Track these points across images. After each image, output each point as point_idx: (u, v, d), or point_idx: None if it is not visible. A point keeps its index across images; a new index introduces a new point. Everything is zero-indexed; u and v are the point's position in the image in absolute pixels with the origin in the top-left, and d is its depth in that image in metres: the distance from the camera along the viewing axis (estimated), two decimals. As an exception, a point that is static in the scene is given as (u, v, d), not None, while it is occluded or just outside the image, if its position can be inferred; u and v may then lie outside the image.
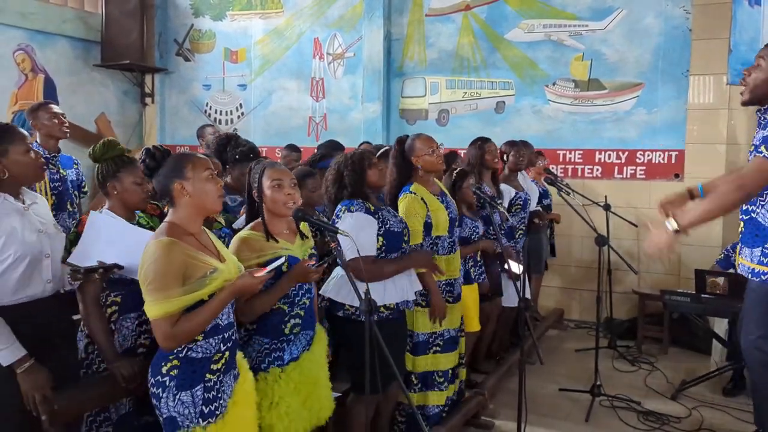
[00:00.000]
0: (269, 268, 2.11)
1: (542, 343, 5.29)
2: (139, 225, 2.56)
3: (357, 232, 2.67)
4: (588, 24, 6.04)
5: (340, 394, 2.81)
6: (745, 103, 2.79)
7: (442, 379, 3.34)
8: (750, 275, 2.79)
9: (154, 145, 2.13)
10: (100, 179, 2.53)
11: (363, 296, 2.08)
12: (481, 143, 4.30)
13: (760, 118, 2.75)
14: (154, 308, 1.92)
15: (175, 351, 2.00)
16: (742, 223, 2.83)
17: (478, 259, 3.99)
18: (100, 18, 7.43)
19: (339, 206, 2.91)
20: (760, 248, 2.73)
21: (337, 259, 2.34)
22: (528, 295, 4.69)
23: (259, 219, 2.42)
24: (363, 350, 2.05)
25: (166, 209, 2.20)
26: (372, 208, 2.89)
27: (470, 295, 3.83)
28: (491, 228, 4.08)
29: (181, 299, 1.93)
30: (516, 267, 3.54)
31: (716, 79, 5.44)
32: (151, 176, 2.12)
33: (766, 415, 2.83)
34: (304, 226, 2.54)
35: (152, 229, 2.52)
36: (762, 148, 2.55)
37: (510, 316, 4.72)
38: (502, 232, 4.26)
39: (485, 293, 4.10)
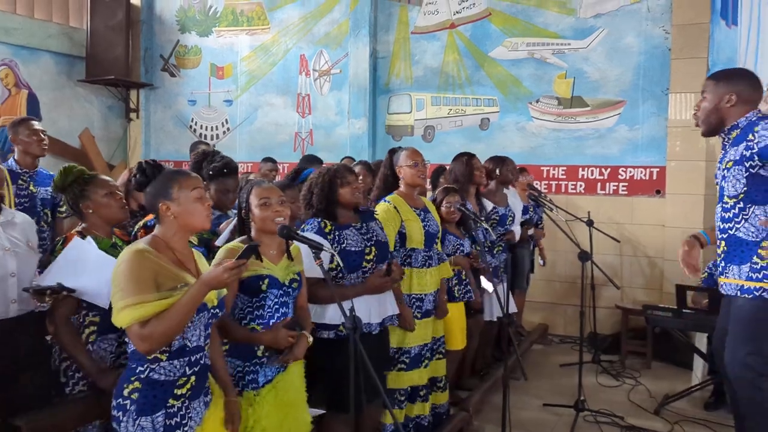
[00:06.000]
0: (238, 256, 1.99)
1: (527, 359, 5.30)
2: (114, 247, 2.53)
3: (302, 251, 2.61)
4: (570, 43, 6.14)
5: (323, 411, 2.79)
6: (704, 134, 2.97)
7: (402, 398, 3.27)
8: (738, 293, 2.79)
9: (146, 160, 2.11)
10: (72, 205, 2.51)
11: (348, 313, 2.08)
12: (468, 159, 4.29)
13: (724, 139, 2.87)
14: (126, 313, 1.85)
15: (137, 371, 1.94)
16: (722, 243, 2.86)
17: (463, 277, 3.96)
18: (84, 33, 7.44)
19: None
20: (749, 264, 2.75)
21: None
22: (514, 309, 4.74)
23: (247, 236, 2.42)
24: (340, 369, 2.03)
25: (141, 231, 2.17)
26: (329, 227, 2.80)
27: (455, 312, 3.81)
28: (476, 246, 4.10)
29: (153, 304, 1.87)
30: (487, 285, 3.55)
31: (696, 97, 5.46)
32: (141, 190, 2.11)
33: (755, 427, 2.80)
34: (294, 249, 2.51)
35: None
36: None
37: (491, 332, 4.73)
38: (486, 248, 4.28)
39: (477, 309, 4.11)
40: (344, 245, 2.81)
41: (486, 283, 3.53)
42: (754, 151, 2.68)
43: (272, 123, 7.45)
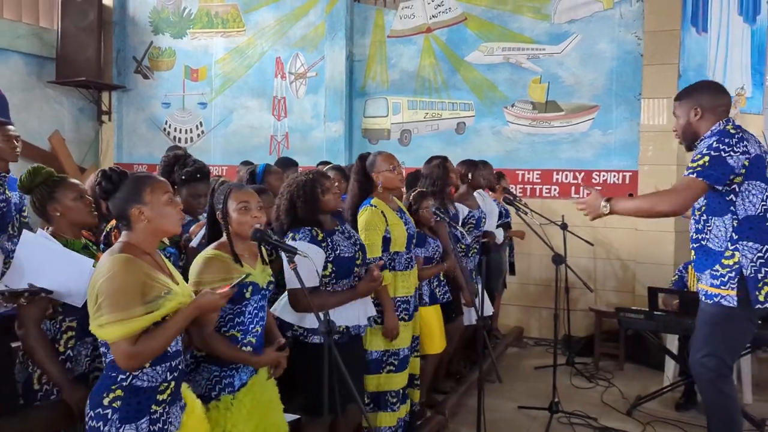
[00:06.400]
0: (232, 284, 2.07)
1: (502, 361, 5.33)
2: (86, 248, 2.49)
3: (299, 261, 2.59)
4: (545, 48, 6.20)
5: (298, 416, 2.77)
6: (687, 150, 3.12)
7: (395, 400, 3.29)
8: (703, 297, 2.93)
9: (110, 167, 2.07)
10: (38, 206, 2.46)
11: (322, 317, 2.07)
12: (443, 162, 4.28)
13: (695, 152, 2.95)
14: (115, 328, 1.80)
15: (118, 380, 1.90)
16: (693, 253, 2.99)
17: (442, 278, 3.98)
18: (55, 34, 7.30)
19: (288, 234, 2.83)
20: (709, 270, 2.88)
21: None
22: (489, 312, 4.77)
23: (224, 240, 2.37)
24: (314, 373, 2.02)
25: (114, 231, 2.13)
26: (321, 235, 2.80)
27: (434, 315, 3.82)
28: (459, 246, 4.13)
29: (141, 319, 1.84)
30: (470, 313, 3.60)
31: (667, 102, 5.63)
32: (107, 199, 2.06)
33: (715, 426, 2.92)
34: (266, 251, 2.49)
35: (94, 255, 2.46)
36: (686, 170, 2.82)
37: (468, 335, 4.74)
38: (462, 253, 4.30)
39: (456, 311, 4.13)
40: (338, 252, 2.82)
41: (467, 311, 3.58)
42: None
43: (247, 126, 7.40)
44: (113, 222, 2.80)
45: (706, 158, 2.75)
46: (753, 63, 5.66)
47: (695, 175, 2.76)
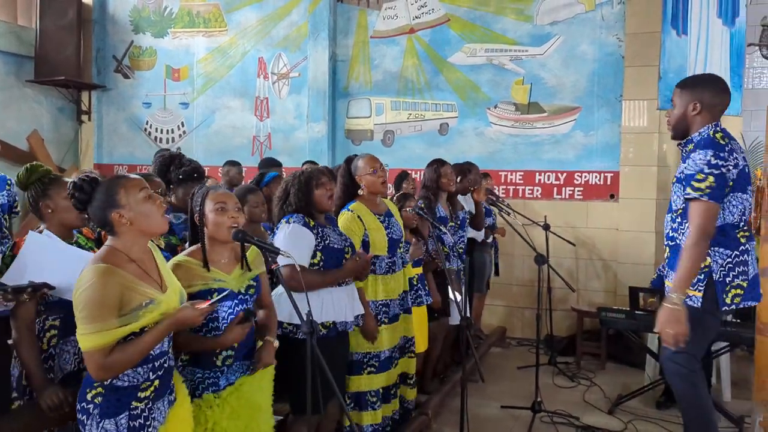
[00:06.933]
0: (212, 300, 2.05)
1: (485, 361, 5.35)
2: (78, 246, 2.48)
3: (289, 241, 2.71)
4: (527, 49, 6.23)
5: (282, 417, 2.75)
6: (674, 138, 3.05)
7: (375, 399, 3.30)
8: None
9: (79, 176, 2.01)
10: (32, 203, 2.48)
11: (305, 316, 2.06)
12: (437, 166, 4.37)
13: (682, 150, 2.97)
14: (87, 339, 1.83)
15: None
16: (667, 250, 3.01)
17: (415, 282, 3.92)
18: (33, 32, 7.20)
19: (281, 221, 2.91)
20: None
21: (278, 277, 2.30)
22: (469, 314, 4.77)
23: (199, 245, 2.34)
24: (302, 370, 2.01)
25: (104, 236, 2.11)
26: (312, 222, 2.89)
27: (416, 315, 3.81)
28: (446, 247, 4.16)
29: (116, 331, 1.84)
30: (455, 295, 3.60)
31: (648, 104, 5.70)
32: (84, 209, 2.00)
33: (689, 422, 2.96)
34: (250, 255, 2.45)
35: (91, 250, 2.44)
36: (689, 189, 2.74)
37: (452, 335, 4.75)
38: (446, 253, 4.30)
39: (441, 313, 4.13)
40: (327, 242, 2.89)
41: (453, 294, 3.58)
42: (682, 176, 2.83)
43: (230, 126, 7.34)
44: None
45: (711, 179, 2.70)
46: (732, 65, 5.73)
47: (707, 198, 2.70)
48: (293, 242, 2.75)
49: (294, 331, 2.77)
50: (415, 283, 3.92)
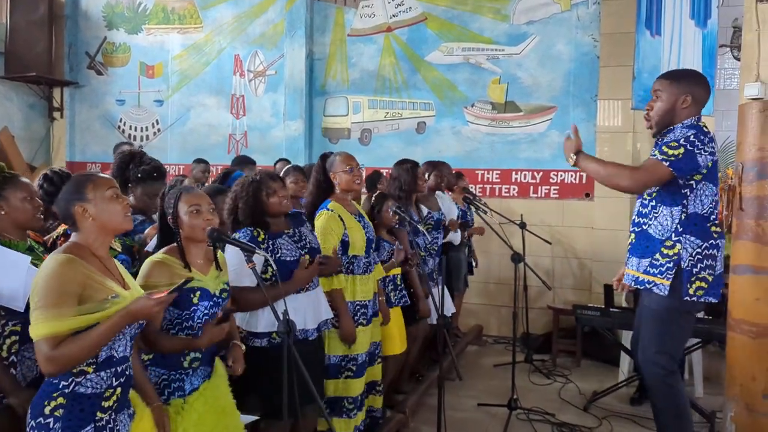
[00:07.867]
0: (169, 290, 1.95)
1: (462, 359, 5.36)
2: (31, 250, 2.40)
3: (237, 261, 2.55)
4: (504, 48, 6.26)
5: (257, 417, 2.72)
6: (655, 135, 2.99)
7: (351, 406, 3.23)
8: (633, 283, 2.99)
9: (51, 169, 2.00)
10: None
11: (282, 317, 2.04)
12: (412, 167, 4.25)
13: (658, 140, 2.96)
14: (40, 326, 1.74)
15: (60, 386, 1.82)
16: (633, 236, 3.01)
17: (398, 282, 3.93)
18: (4, 27, 7.06)
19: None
20: (649, 259, 2.91)
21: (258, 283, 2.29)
22: (448, 312, 4.77)
23: (175, 245, 2.30)
24: (273, 375, 1.99)
25: (60, 239, 2.05)
26: (262, 236, 2.75)
27: (393, 316, 3.77)
28: (419, 248, 4.12)
29: (72, 319, 1.76)
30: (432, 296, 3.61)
31: (623, 103, 5.76)
32: (51, 201, 1.98)
33: (666, 421, 2.98)
34: (221, 256, 2.43)
35: (43, 255, 2.37)
36: (656, 151, 2.79)
37: (429, 333, 4.75)
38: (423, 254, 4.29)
39: (423, 315, 4.12)
40: (279, 255, 2.76)
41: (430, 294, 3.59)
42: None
43: (205, 124, 7.27)
44: (61, 229, 2.70)
45: (682, 150, 2.73)
46: (704, 66, 5.80)
47: (667, 163, 2.73)
48: (240, 262, 2.52)
49: (248, 338, 2.72)
50: (398, 282, 3.90)
